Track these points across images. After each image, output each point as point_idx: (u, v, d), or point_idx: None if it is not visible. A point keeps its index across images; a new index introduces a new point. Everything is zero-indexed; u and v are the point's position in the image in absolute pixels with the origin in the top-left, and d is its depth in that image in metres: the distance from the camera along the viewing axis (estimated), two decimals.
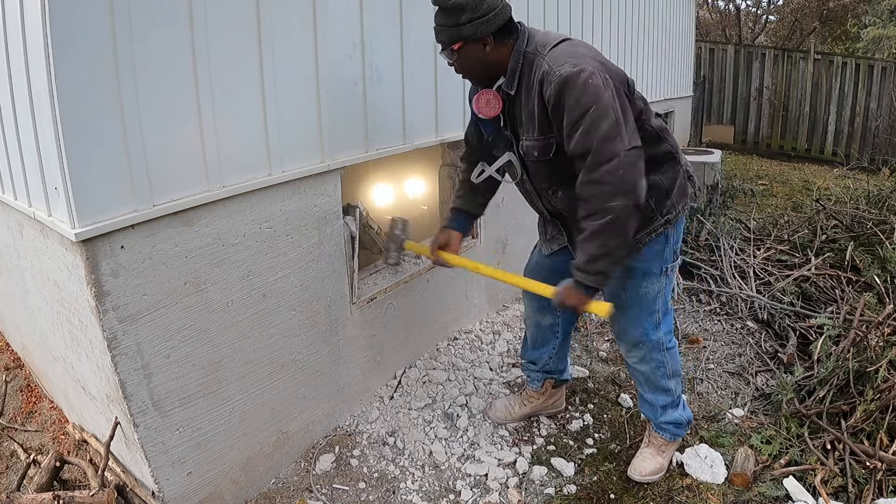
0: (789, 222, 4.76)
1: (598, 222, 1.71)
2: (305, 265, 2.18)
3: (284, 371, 2.18)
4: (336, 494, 2.17)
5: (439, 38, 1.82)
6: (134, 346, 1.68)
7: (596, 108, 1.66)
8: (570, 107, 1.69)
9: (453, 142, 2.87)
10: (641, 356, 2.12)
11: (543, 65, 1.74)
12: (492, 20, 1.76)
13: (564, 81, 1.68)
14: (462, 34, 1.76)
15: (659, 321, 2.08)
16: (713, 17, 12.92)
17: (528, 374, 2.52)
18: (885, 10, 9.66)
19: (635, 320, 2.06)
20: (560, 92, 1.69)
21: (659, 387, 2.18)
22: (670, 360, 2.14)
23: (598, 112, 1.66)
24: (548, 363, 2.45)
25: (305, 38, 2.02)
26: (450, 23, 1.76)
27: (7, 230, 2.16)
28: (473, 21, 1.74)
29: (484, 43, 1.79)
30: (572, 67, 1.68)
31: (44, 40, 1.39)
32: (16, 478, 2.14)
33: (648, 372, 2.15)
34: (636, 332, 2.08)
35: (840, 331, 2.93)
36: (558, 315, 2.35)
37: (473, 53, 1.80)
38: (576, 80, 1.67)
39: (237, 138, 1.86)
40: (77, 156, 1.47)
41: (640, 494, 2.19)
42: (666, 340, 2.11)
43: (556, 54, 1.74)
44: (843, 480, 2.12)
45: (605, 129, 1.66)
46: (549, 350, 2.42)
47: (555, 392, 2.55)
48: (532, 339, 2.45)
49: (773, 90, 8.67)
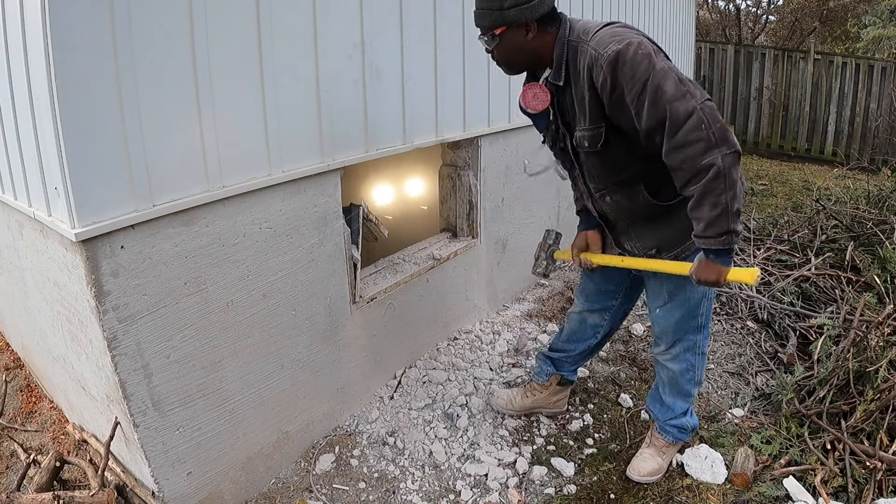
0: (789, 222, 4.76)
1: (699, 183, 1.59)
2: (305, 265, 2.18)
3: (284, 371, 2.18)
4: (336, 494, 2.17)
5: (480, 21, 1.74)
6: (134, 346, 1.68)
7: (654, 74, 1.59)
8: (627, 82, 1.62)
9: (453, 142, 2.87)
10: (676, 354, 2.10)
11: (589, 51, 1.67)
12: (537, 6, 1.69)
13: (615, 60, 1.61)
14: (506, 18, 1.69)
15: (701, 325, 2.06)
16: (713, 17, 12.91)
17: (541, 364, 2.53)
18: (885, 10, 9.66)
19: (679, 323, 2.05)
20: (613, 71, 1.62)
21: (682, 391, 2.17)
22: (700, 366, 2.13)
23: (658, 77, 1.59)
24: (570, 360, 2.47)
25: (305, 38, 2.02)
26: (493, 6, 1.69)
27: (7, 230, 2.16)
28: (518, 6, 1.67)
29: (527, 29, 1.72)
30: (618, 44, 1.62)
31: (44, 40, 1.39)
32: (16, 478, 2.14)
33: (678, 372, 2.12)
34: (678, 333, 2.07)
35: (840, 331, 2.93)
36: (606, 318, 2.33)
37: (515, 40, 1.74)
38: (625, 54, 1.60)
39: (237, 138, 1.86)
40: (77, 156, 1.47)
41: (640, 494, 2.19)
42: (703, 345, 2.11)
43: (600, 38, 1.68)
44: (843, 480, 2.12)
45: (671, 90, 1.58)
46: (581, 347, 2.42)
47: (558, 390, 2.56)
48: (570, 333, 2.43)
49: (773, 90, 8.66)
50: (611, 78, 1.63)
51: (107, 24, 1.47)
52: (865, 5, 10.43)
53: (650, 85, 1.59)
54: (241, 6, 1.80)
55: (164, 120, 1.64)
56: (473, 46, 2.86)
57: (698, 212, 1.64)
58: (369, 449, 2.38)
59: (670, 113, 1.58)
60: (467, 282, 3.16)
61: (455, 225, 3.15)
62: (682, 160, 1.60)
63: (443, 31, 2.64)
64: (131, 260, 1.63)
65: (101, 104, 1.49)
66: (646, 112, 1.62)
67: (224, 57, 1.76)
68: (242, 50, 1.82)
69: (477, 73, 2.91)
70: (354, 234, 2.39)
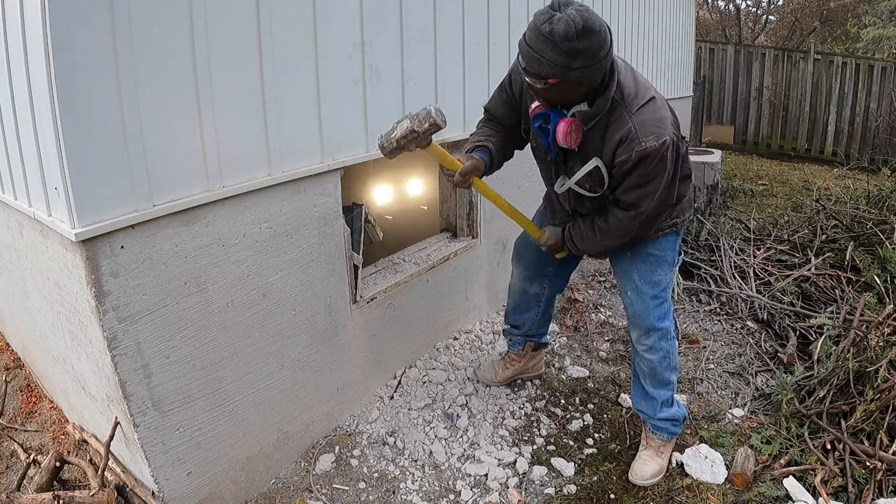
0: (789, 222, 4.76)
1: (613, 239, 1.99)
2: (305, 265, 2.18)
3: (284, 371, 2.18)
4: (336, 494, 2.17)
5: (537, 69, 1.62)
6: (134, 346, 1.68)
7: (659, 180, 1.80)
8: (638, 174, 1.79)
9: (453, 142, 2.87)
10: (651, 344, 2.16)
11: (629, 125, 1.73)
12: (600, 68, 1.64)
13: (645, 156, 1.74)
14: (567, 77, 1.62)
15: (667, 311, 2.16)
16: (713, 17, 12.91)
17: (510, 337, 2.68)
18: (885, 10, 9.66)
19: (649, 306, 2.13)
20: (637, 163, 1.76)
21: (661, 379, 2.21)
22: (673, 351, 2.21)
23: (659, 184, 1.81)
24: (530, 328, 2.61)
25: (305, 38, 2.02)
26: (559, 62, 1.58)
27: (7, 230, 2.16)
28: (587, 67, 1.60)
29: (581, 83, 1.67)
30: (656, 141, 1.73)
31: (44, 40, 1.39)
32: (16, 478, 2.14)
33: (656, 361, 2.18)
34: (649, 318, 2.14)
35: (840, 331, 2.93)
36: (545, 286, 2.48)
37: (567, 89, 1.69)
38: (654, 155, 1.74)
39: (237, 138, 1.86)
40: (77, 156, 1.47)
41: (640, 494, 2.19)
42: (672, 329, 2.19)
43: (643, 119, 1.75)
44: (843, 480, 2.12)
45: (658, 196, 1.83)
46: (531, 316, 2.57)
47: (534, 355, 2.74)
48: (515, 305, 2.59)
49: (773, 90, 8.66)
50: (631, 165, 1.77)
51: (107, 24, 1.47)
52: (865, 5, 10.43)
53: (651, 185, 1.81)
54: (241, 6, 1.80)
55: (164, 120, 1.63)
56: (473, 47, 2.87)
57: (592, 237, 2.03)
58: (369, 449, 2.38)
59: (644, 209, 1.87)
60: (467, 282, 3.16)
61: (455, 225, 3.15)
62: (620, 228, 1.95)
63: (443, 31, 2.64)
64: (131, 260, 1.63)
65: (101, 104, 1.49)
66: (632, 196, 1.85)
67: (224, 57, 1.76)
68: (242, 50, 1.82)
69: (477, 73, 2.91)
70: (356, 233, 2.40)
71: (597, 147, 1.83)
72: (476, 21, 2.85)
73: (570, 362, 2.99)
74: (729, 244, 4.08)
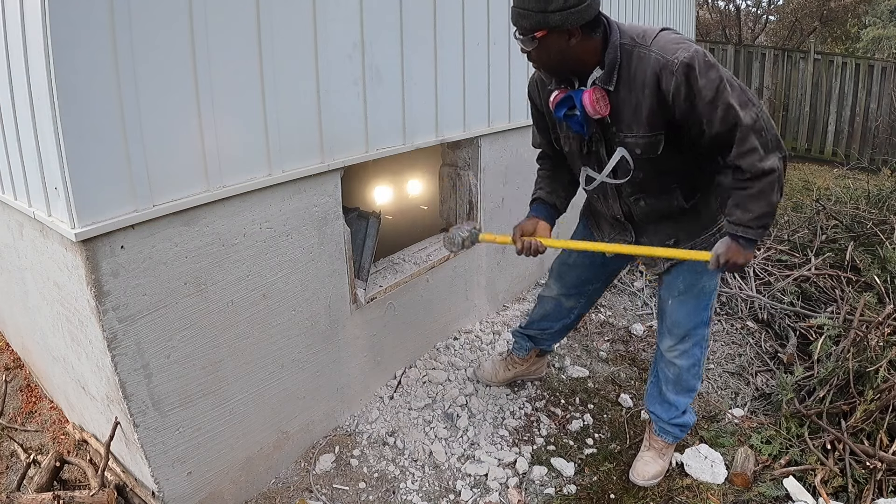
0: (789, 222, 4.76)
1: (762, 182, 1.67)
2: (305, 265, 2.18)
3: (284, 371, 2.18)
4: (336, 494, 2.17)
5: (521, 22, 1.66)
6: (134, 346, 1.68)
7: (723, 81, 1.63)
8: (701, 88, 1.63)
9: (453, 142, 2.87)
10: (685, 349, 2.11)
11: (654, 56, 1.66)
12: (583, 11, 1.62)
13: (689, 67, 1.62)
14: (549, 22, 1.62)
15: (708, 318, 2.09)
16: (713, 17, 12.90)
17: (519, 341, 2.66)
18: (885, 10, 9.66)
19: (691, 314, 2.06)
20: (687, 77, 1.63)
21: (687, 387, 2.17)
22: (703, 359, 2.16)
23: (728, 85, 1.63)
24: (548, 336, 2.58)
25: (305, 38, 2.02)
26: (537, 7, 1.61)
27: (7, 230, 2.16)
28: (565, 10, 1.60)
29: (570, 34, 1.65)
30: (686, 52, 1.63)
31: (44, 40, 1.39)
32: (16, 478, 2.14)
33: (685, 368, 2.13)
34: (689, 325, 2.07)
35: (840, 331, 2.93)
36: (581, 301, 2.44)
37: (557, 45, 1.67)
38: (697, 62, 1.62)
39: (237, 138, 1.86)
40: (77, 156, 1.47)
41: (640, 494, 2.19)
42: (708, 337, 2.14)
43: (663, 44, 1.67)
44: (843, 480, 2.12)
45: (738, 98, 1.64)
46: (558, 325, 2.53)
47: (538, 360, 2.73)
48: (544, 314, 2.53)
49: (773, 90, 8.66)
50: (685, 84, 1.64)
51: (107, 23, 1.47)
52: (865, 5, 10.43)
53: (723, 93, 1.63)
54: (241, 6, 1.80)
55: (164, 120, 1.63)
56: (473, 46, 2.87)
57: (751, 205, 1.71)
58: (369, 449, 2.38)
59: (739, 120, 1.64)
60: (467, 282, 3.16)
61: (455, 225, 3.14)
62: (748, 164, 1.67)
63: (443, 31, 2.64)
64: (131, 260, 1.63)
65: (101, 104, 1.49)
66: (718, 119, 1.65)
67: (224, 57, 1.76)
68: (242, 50, 1.82)
69: (477, 72, 2.91)
70: (370, 240, 2.42)
71: (634, 102, 1.73)
72: (476, 21, 2.85)
73: (570, 362, 2.99)
74: None
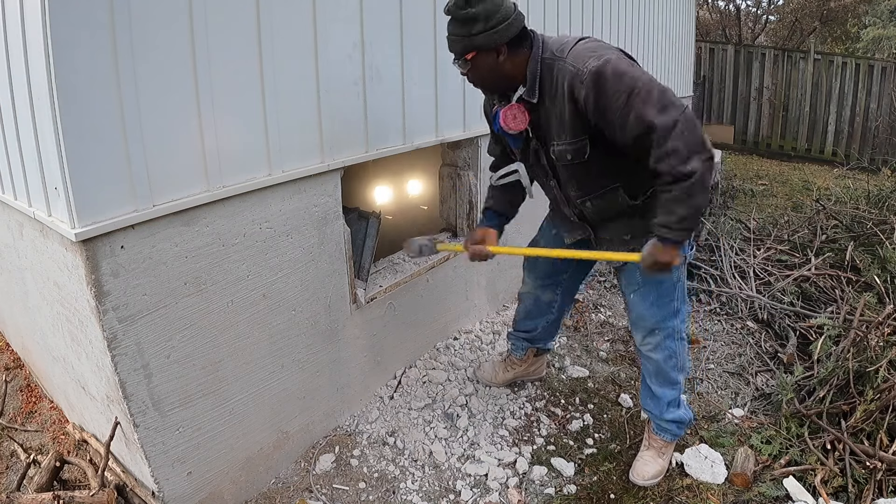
0: (789, 222, 4.76)
1: (683, 185, 1.67)
2: (305, 265, 2.18)
3: (284, 371, 2.18)
4: (336, 494, 2.17)
5: (452, 48, 1.80)
6: (134, 346, 1.68)
7: (636, 86, 1.64)
8: (611, 96, 1.66)
9: (453, 142, 2.87)
10: (656, 343, 2.12)
11: (568, 67, 1.73)
12: (505, 30, 1.73)
13: (597, 75, 1.66)
14: (475, 44, 1.74)
15: (676, 309, 2.10)
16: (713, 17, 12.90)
17: (514, 342, 2.67)
18: (885, 10, 9.66)
19: (655, 306, 2.08)
20: (596, 86, 1.67)
21: (668, 379, 2.18)
22: (681, 351, 2.16)
23: (641, 89, 1.64)
24: (538, 335, 2.60)
25: (305, 38, 2.02)
26: (462, 32, 1.74)
27: (7, 230, 2.16)
28: (487, 31, 1.72)
29: (498, 52, 1.76)
30: (597, 61, 1.68)
31: (44, 40, 1.39)
32: (16, 478, 2.14)
33: (661, 361, 2.14)
34: (653, 319, 2.09)
35: (840, 331, 2.93)
36: (558, 293, 2.45)
37: (487, 63, 1.78)
38: (605, 70, 1.66)
39: (237, 138, 1.86)
40: (77, 156, 1.47)
41: (640, 494, 2.19)
42: (681, 329, 2.14)
43: (576, 54, 1.73)
44: (843, 480, 2.12)
45: (659, 101, 1.64)
46: (542, 322, 2.55)
47: (536, 360, 2.73)
48: (526, 312, 2.57)
49: (773, 90, 8.66)
50: (594, 93, 1.68)
51: (107, 23, 1.47)
52: (865, 5, 10.43)
53: (634, 97, 1.64)
54: (241, 6, 1.80)
55: (164, 120, 1.63)
56: None
57: (673, 207, 1.72)
58: (369, 449, 2.38)
59: (657, 123, 1.64)
60: (467, 282, 3.16)
61: (455, 225, 3.14)
62: (667, 167, 1.67)
63: (442, 31, 2.62)
64: (131, 260, 1.63)
65: (101, 104, 1.49)
66: (631, 123, 1.67)
67: (224, 57, 1.76)
68: (242, 50, 1.82)
69: None
70: (370, 240, 2.41)
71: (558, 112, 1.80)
72: None
73: (570, 362, 2.99)
74: (729, 244, 4.08)
